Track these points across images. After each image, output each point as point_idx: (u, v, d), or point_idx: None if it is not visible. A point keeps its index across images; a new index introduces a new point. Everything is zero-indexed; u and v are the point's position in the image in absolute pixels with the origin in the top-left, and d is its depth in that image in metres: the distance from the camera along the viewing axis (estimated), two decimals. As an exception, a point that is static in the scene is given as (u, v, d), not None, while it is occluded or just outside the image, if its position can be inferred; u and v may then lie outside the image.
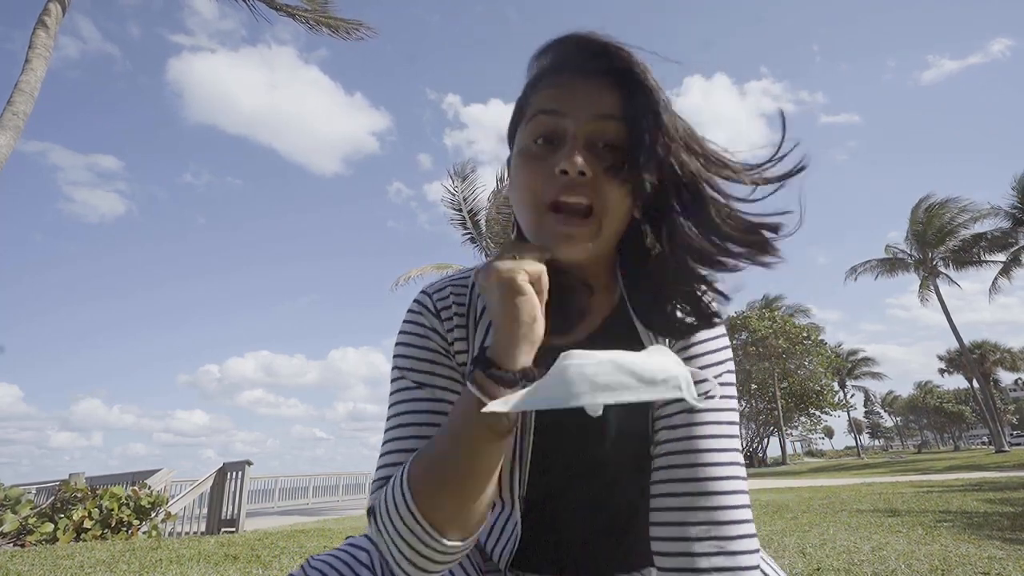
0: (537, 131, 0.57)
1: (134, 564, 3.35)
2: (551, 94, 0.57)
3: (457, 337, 0.64)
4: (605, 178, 0.54)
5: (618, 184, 0.54)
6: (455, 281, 0.68)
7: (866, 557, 2.95)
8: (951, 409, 65.10)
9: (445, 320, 0.64)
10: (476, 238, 12.15)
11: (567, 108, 0.56)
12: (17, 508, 5.56)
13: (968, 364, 30.79)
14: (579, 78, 0.57)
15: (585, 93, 0.56)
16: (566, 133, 0.55)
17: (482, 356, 0.48)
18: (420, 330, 0.64)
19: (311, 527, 6.56)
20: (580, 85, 0.56)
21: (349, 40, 8.85)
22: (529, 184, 0.56)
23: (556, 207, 0.55)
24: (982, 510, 4.89)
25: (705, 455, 0.58)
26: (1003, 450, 25.21)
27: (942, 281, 26.19)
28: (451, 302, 0.65)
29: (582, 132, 0.55)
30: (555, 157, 0.55)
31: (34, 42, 6.49)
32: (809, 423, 38.41)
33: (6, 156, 5.84)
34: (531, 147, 0.58)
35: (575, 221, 0.54)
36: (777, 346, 31.32)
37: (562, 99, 0.56)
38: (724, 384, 0.62)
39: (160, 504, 6.11)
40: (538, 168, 0.56)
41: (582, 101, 0.56)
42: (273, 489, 14.56)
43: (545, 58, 0.61)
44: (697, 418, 0.59)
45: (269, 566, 3.22)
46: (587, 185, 0.54)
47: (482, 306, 0.65)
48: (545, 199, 0.55)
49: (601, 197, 0.54)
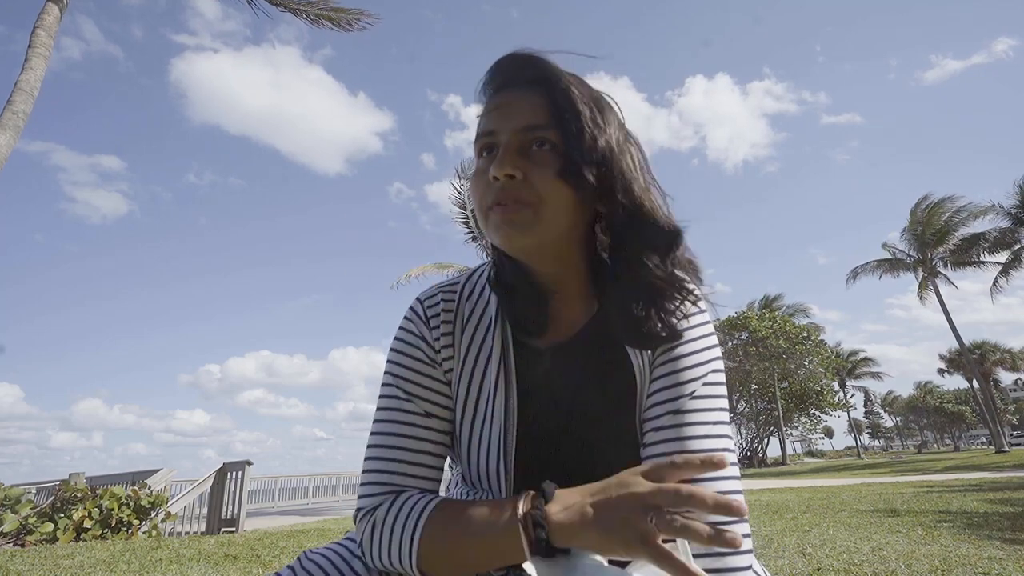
0: (480, 148, 0.65)
1: (134, 564, 3.35)
2: (487, 117, 0.65)
3: (444, 344, 0.67)
4: (537, 174, 0.60)
5: (551, 176, 0.59)
6: (446, 288, 0.71)
7: (866, 557, 2.96)
8: (951, 409, 65.13)
9: (433, 328, 0.68)
10: (477, 237, 12.16)
11: (498, 125, 0.63)
12: (17, 508, 5.57)
13: (968, 364, 30.77)
14: (506, 93, 0.65)
15: (513, 108, 0.63)
16: (499, 145, 0.62)
17: (542, 517, 0.50)
18: (411, 339, 0.68)
19: (311, 527, 6.56)
20: (509, 101, 0.63)
21: (351, 32, 8.79)
22: (475, 194, 0.64)
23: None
24: (982, 510, 4.89)
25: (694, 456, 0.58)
26: (1003, 450, 25.21)
27: (942, 281, 26.22)
28: (440, 309, 0.69)
29: (513, 142, 0.61)
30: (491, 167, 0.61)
31: (34, 42, 6.49)
32: (809, 423, 38.39)
33: (6, 156, 5.84)
34: (477, 163, 0.65)
35: (511, 208, 0.59)
36: (777, 346, 31.32)
37: (494, 118, 0.64)
38: (710, 384, 0.62)
39: (160, 504, 6.11)
40: (480, 180, 0.63)
41: (510, 114, 0.62)
42: (273, 489, 14.58)
43: (486, 85, 0.68)
44: (685, 419, 0.59)
45: (269, 566, 3.23)
46: (520, 185, 0.59)
47: (468, 311, 0.69)
48: (486, 204, 0.62)
49: (535, 190, 0.59)
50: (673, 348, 0.63)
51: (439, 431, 0.66)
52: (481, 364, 0.66)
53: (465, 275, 0.74)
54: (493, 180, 0.60)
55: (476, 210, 0.64)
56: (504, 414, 0.64)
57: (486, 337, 0.67)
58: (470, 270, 0.75)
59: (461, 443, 0.67)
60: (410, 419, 0.64)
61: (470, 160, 0.87)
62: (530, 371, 0.66)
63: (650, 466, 0.50)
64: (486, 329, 0.67)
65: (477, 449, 0.65)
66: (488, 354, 0.66)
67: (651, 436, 0.61)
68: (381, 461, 0.63)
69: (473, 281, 0.72)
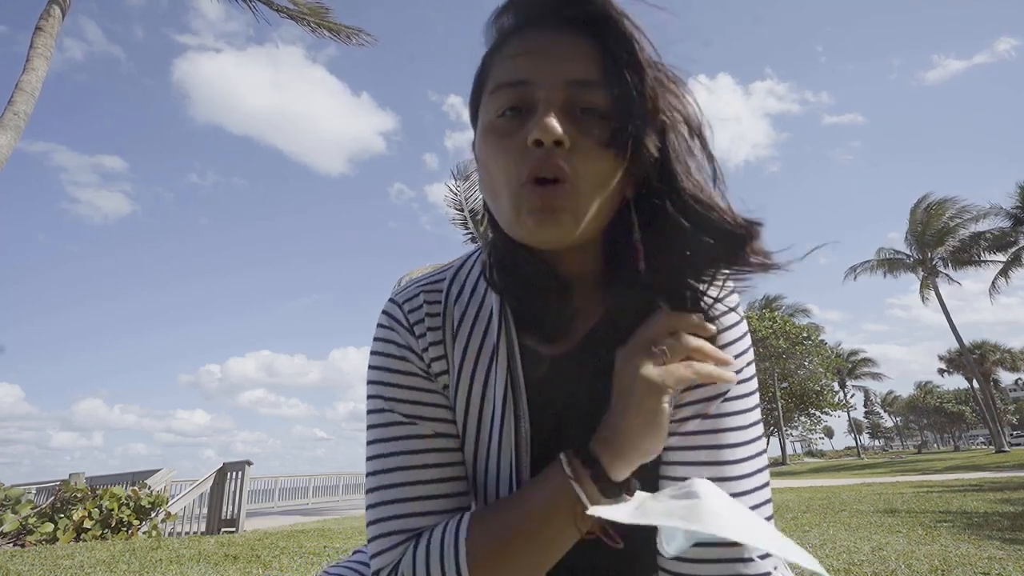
0: (502, 103, 0.48)
1: (134, 564, 3.35)
2: (516, 63, 0.48)
3: (434, 357, 0.55)
4: (586, 146, 0.46)
5: (602, 152, 0.46)
6: (427, 286, 0.58)
7: (866, 557, 2.96)
8: (951, 409, 65.10)
9: (419, 336, 0.55)
10: (477, 238, 12.16)
11: (535, 76, 0.47)
12: (17, 508, 5.58)
13: (968, 364, 30.75)
14: (547, 36, 0.48)
15: (556, 54, 0.47)
16: (537, 101, 0.47)
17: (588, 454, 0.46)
18: (395, 350, 0.55)
19: (311, 527, 6.56)
20: (549, 46, 0.48)
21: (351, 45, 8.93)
22: (496, 163, 0.48)
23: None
24: (982, 510, 4.89)
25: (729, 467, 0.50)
26: (1003, 450, 25.19)
27: (944, 280, 26.22)
28: (424, 313, 0.56)
29: (557, 98, 0.46)
30: (526, 128, 0.46)
31: (35, 42, 6.50)
32: (809, 423, 38.29)
33: (7, 156, 5.85)
34: (497, 122, 0.49)
35: (558, 191, 0.45)
36: (777, 346, 31.28)
37: (529, 67, 0.47)
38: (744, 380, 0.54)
39: (160, 504, 6.12)
40: (505, 144, 0.47)
41: (553, 65, 0.47)
42: (273, 489, 14.56)
43: (506, 17, 0.52)
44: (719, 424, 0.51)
45: (269, 566, 3.23)
46: (565, 156, 0.45)
47: (459, 315, 0.57)
48: (521, 178, 0.46)
49: (582, 168, 0.45)
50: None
51: (455, 450, 0.55)
52: (480, 377, 0.54)
53: (449, 270, 0.60)
54: (534, 146, 0.45)
55: (495, 185, 0.49)
56: (515, 439, 0.53)
57: (484, 344, 0.55)
58: (453, 264, 0.61)
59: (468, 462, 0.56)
60: (418, 445, 0.52)
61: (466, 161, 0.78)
62: (540, 384, 0.55)
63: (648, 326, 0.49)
64: (482, 335, 0.55)
65: (484, 479, 0.54)
66: (488, 365, 0.54)
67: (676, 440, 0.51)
68: (393, 505, 0.50)
69: (461, 278, 0.59)
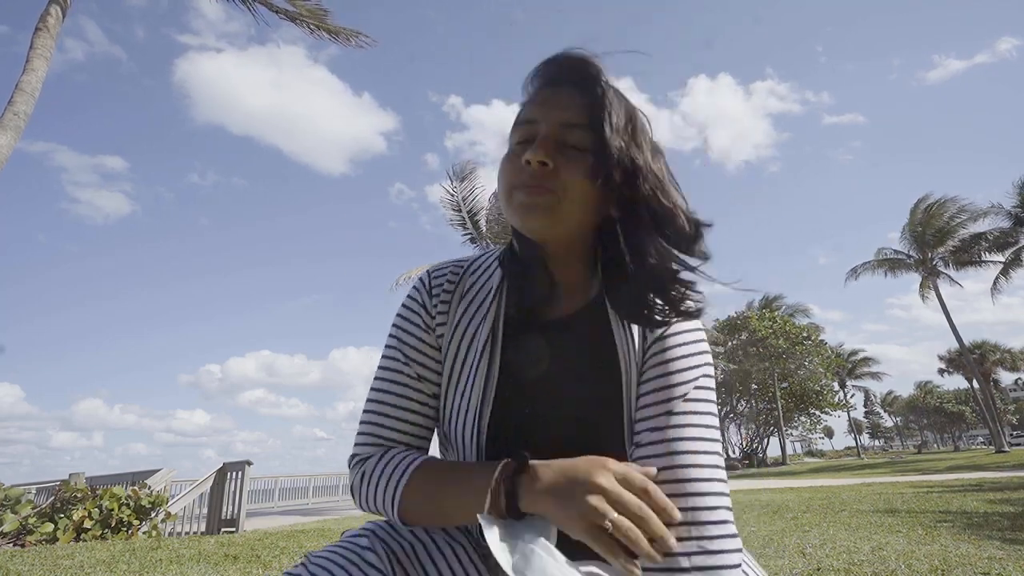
0: (517, 136, 0.69)
1: (134, 564, 3.35)
2: (530, 106, 0.70)
3: (439, 311, 0.73)
4: (569, 170, 0.64)
5: (579, 173, 0.64)
6: (457, 262, 0.78)
7: (866, 557, 2.96)
8: (951, 409, 65.12)
9: (434, 297, 0.74)
10: (476, 239, 12.15)
11: (540, 116, 0.67)
12: (17, 508, 5.57)
13: (968, 364, 30.72)
14: (553, 88, 0.69)
15: (557, 103, 0.67)
16: (538, 134, 0.66)
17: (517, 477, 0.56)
18: (414, 306, 0.75)
19: (311, 527, 6.56)
20: (554, 95, 0.68)
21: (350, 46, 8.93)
22: (504, 175, 0.68)
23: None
24: (982, 510, 4.89)
25: (684, 456, 0.59)
26: (1003, 450, 25.19)
27: (945, 280, 26.21)
28: (444, 280, 0.75)
29: (551, 133, 0.66)
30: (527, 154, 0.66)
31: (35, 43, 6.50)
32: (809, 423, 38.30)
33: (7, 156, 5.85)
34: (512, 149, 0.70)
35: (536, 191, 0.64)
36: (777, 346, 31.31)
37: (537, 111, 0.68)
38: (700, 388, 0.65)
39: (160, 504, 6.11)
40: (512, 162, 0.68)
41: (552, 108, 0.67)
42: (273, 489, 14.58)
43: (533, 78, 0.73)
44: (675, 420, 0.62)
45: (269, 566, 3.23)
46: (549, 174, 0.64)
47: (469, 283, 0.75)
48: (514, 184, 0.66)
49: (561, 181, 0.64)
50: (665, 351, 0.67)
51: (429, 395, 0.72)
52: (471, 331, 0.71)
53: (479, 254, 0.80)
54: (526, 164, 0.64)
55: (500, 190, 0.69)
56: (484, 381, 0.68)
57: (480, 306, 0.72)
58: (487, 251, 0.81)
59: (443, 405, 0.72)
60: (404, 380, 0.71)
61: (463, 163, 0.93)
62: (518, 344, 0.71)
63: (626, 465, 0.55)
64: (482, 300, 0.73)
65: (455, 411, 0.70)
66: (480, 322, 0.71)
67: (646, 436, 0.63)
68: (376, 415, 0.71)
69: (483, 259, 0.78)
